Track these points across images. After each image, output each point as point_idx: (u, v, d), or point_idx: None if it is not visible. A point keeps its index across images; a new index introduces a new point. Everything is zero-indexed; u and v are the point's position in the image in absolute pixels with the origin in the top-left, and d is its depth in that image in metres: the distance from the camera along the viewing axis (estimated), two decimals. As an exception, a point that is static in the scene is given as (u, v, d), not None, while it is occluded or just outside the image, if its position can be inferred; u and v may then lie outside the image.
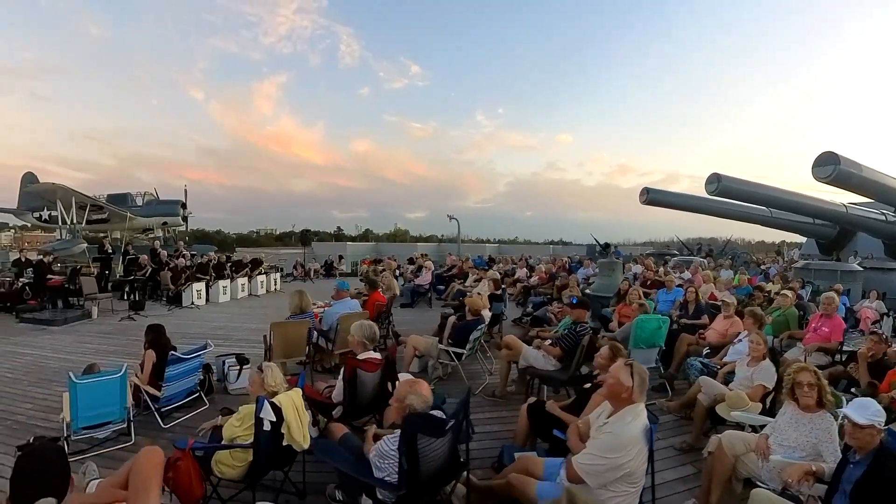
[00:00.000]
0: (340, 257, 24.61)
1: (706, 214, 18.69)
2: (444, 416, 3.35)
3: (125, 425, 4.86)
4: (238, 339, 9.48)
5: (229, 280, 14.48)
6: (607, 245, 28.39)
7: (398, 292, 11.73)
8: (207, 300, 13.55)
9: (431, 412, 3.30)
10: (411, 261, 22.99)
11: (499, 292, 10.10)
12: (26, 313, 11.14)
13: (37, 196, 19.59)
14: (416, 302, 13.41)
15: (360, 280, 18.00)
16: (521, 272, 18.22)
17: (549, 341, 6.15)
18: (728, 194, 13.88)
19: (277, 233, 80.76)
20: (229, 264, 15.41)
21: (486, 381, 6.58)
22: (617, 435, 2.88)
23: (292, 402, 3.74)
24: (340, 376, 4.55)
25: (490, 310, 8.22)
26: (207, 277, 13.79)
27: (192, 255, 16.15)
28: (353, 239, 69.95)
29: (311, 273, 21.57)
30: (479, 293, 9.02)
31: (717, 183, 13.04)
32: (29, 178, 21.75)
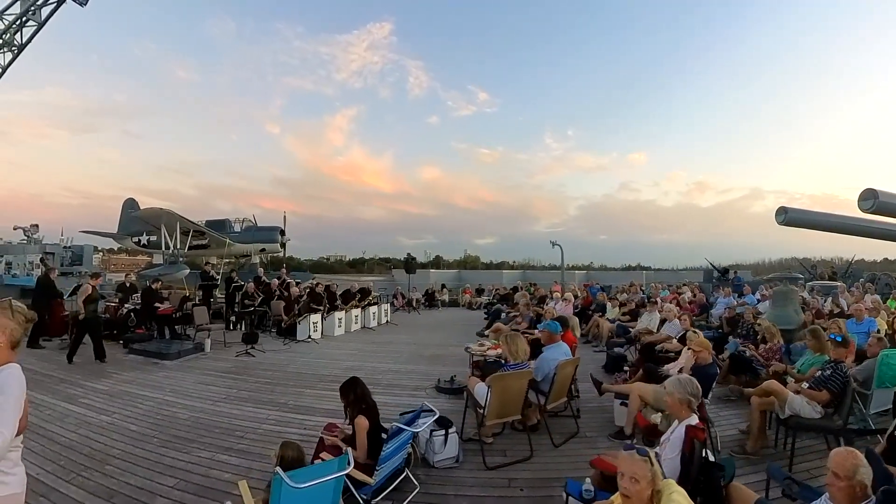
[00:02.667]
0: (443, 286, 22.87)
1: (849, 235, 16.27)
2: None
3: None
4: (388, 384, 7.77)
5: (344, 311, 12.87)
6: (726, 270, 26.71)
7: (579, 333, 9.61)
8: (322, 333, 11.95)
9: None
10: (515, 290, 21.01)
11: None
12: (135, 343, 9.92)
13: (141, 221, 19.21)
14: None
15: (485, 316, 16.22)
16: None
17: (806, 384, 5.08)
18: (886, 211, 11.55)
19: (348, 259, 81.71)
20: (339, 294, 13.89)
21: (716, 435, 5.11)
22: None
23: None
24: (673, 452, 3.18)
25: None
26: (321, 308, 12.25)
27: (297, 283, 14.76)
28: (424, 266, 69.33)
29: (413, 303, 19.85)
30: (695, 331, 6.83)
31: (873, 200, 11.41)
32: (129, 205, 21.75)
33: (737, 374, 6.98)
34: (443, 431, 4.60)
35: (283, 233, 21.07)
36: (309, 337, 11.30)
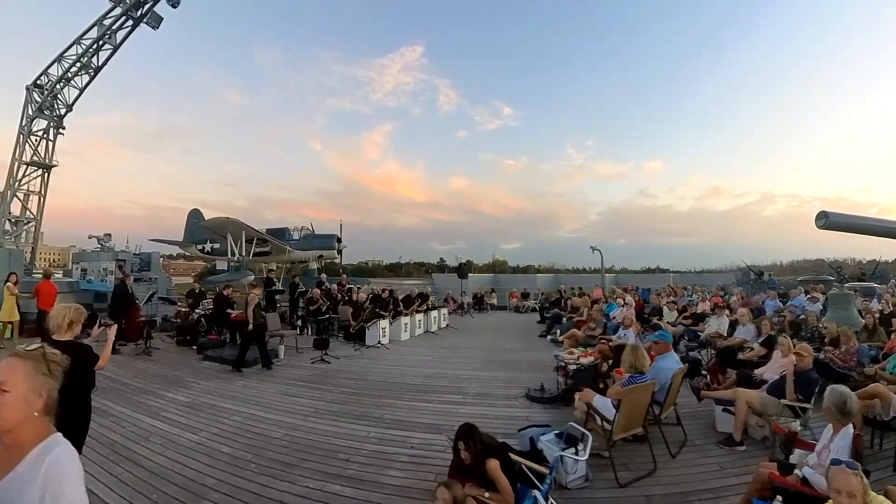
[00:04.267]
0: (492, 290, 21.80)
1: (891, 238, 15.11)
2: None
3: None
4: (476, 393, 6.87)
5: (408, 316, 11.94)
6: (761, 273, 25.29)
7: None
8: (389, 338, 11.02)
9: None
10: (561, 293, 19.83)
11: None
12: (209, 349, 9.17)
13: (208, 230, 18.76)
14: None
15: (539, 320, 15.11)
16: (705, 305, 14.43)
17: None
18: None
19: (385, 263, 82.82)
20: (402, 299, 12.97)
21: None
22: None
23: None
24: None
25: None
26: (387, 313, 11.33)
27: (359, 289, 13.92)
28: (458, 270, 68.48)
29: (465, 306, 18.80)
30: (785, 336, 6.40)
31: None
32: (194, 215, 21.49)
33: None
34: (573, 449, 3.77)
35: (339, 240, 20.43)
36: (379, 342, 10.39)
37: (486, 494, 3.06)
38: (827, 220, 15.23)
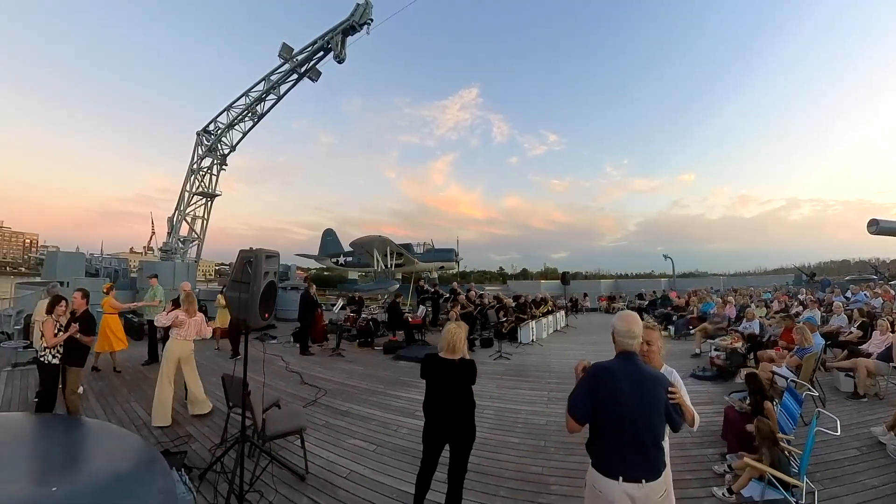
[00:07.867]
0: (585, 294, 21.49)
1: None
2: None
3: None
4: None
5: (544, 318, 12.04)
6: (814, 274, 25.16)
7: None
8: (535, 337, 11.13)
9: None
10: (640, 297, 19.59)
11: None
12: (397, 350, 9.57)
13: (357, 245, 19.49)
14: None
15: (674, 320, 14.54)
16: (780, 304, 13.66)
17: None
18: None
19: (453, 272, 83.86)
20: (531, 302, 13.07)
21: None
22: None
23: None
24: None
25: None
26: (526, 316, 11.48)
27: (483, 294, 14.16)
28: (515, 277, 67.71)
29: (566, 308, 18.62)
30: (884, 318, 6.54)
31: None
32: (328, 233, 22.55)
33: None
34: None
35: (456, 254, 20.82)
36: (532, 340, 10.52)
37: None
38: (878, 227, 14.79)
